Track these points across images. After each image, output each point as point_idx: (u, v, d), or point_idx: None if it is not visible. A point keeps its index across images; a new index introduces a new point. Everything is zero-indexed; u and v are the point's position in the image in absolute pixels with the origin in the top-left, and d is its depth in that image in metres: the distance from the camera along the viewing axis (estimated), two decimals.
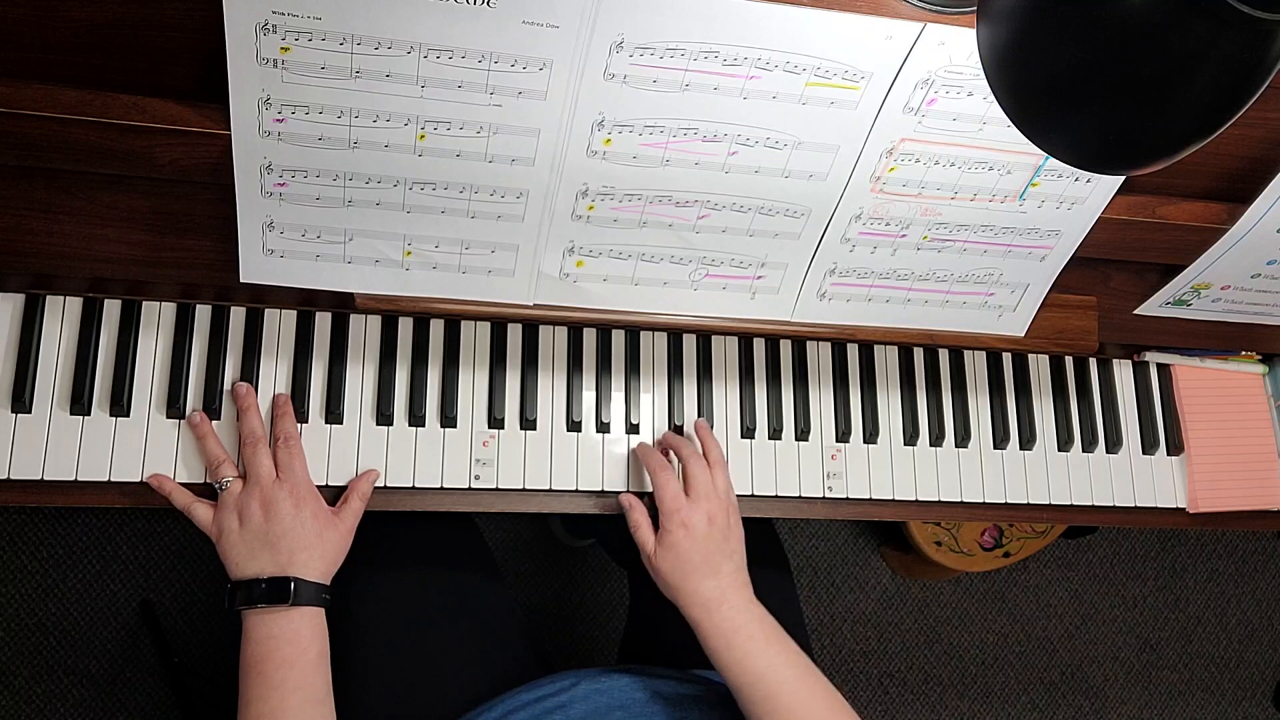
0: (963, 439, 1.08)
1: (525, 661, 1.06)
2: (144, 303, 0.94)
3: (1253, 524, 1.14)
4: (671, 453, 0.98)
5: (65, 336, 0.92)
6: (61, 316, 0.92)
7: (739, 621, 0.87)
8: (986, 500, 1.07)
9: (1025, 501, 1.08)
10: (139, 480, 0.91)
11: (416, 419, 0.96)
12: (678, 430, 1.02)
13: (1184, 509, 1.12)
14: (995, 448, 1.09)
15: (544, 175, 0.83)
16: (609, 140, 0.81)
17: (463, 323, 0.99)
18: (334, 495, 0.94)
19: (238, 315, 0.95)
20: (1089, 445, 1.11)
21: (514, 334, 1.00)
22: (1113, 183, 0.90)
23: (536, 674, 1.01)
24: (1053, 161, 0.87)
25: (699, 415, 1.03)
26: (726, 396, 1.04)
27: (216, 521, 0.87)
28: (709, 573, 0.89)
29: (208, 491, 0.90)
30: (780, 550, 1.23)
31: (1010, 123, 0.55)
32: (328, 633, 0.87)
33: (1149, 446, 1.13)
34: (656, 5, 0.73)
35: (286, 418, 0.92)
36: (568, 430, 0.99)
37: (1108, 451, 1.12)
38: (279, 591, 0.84)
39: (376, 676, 1.00)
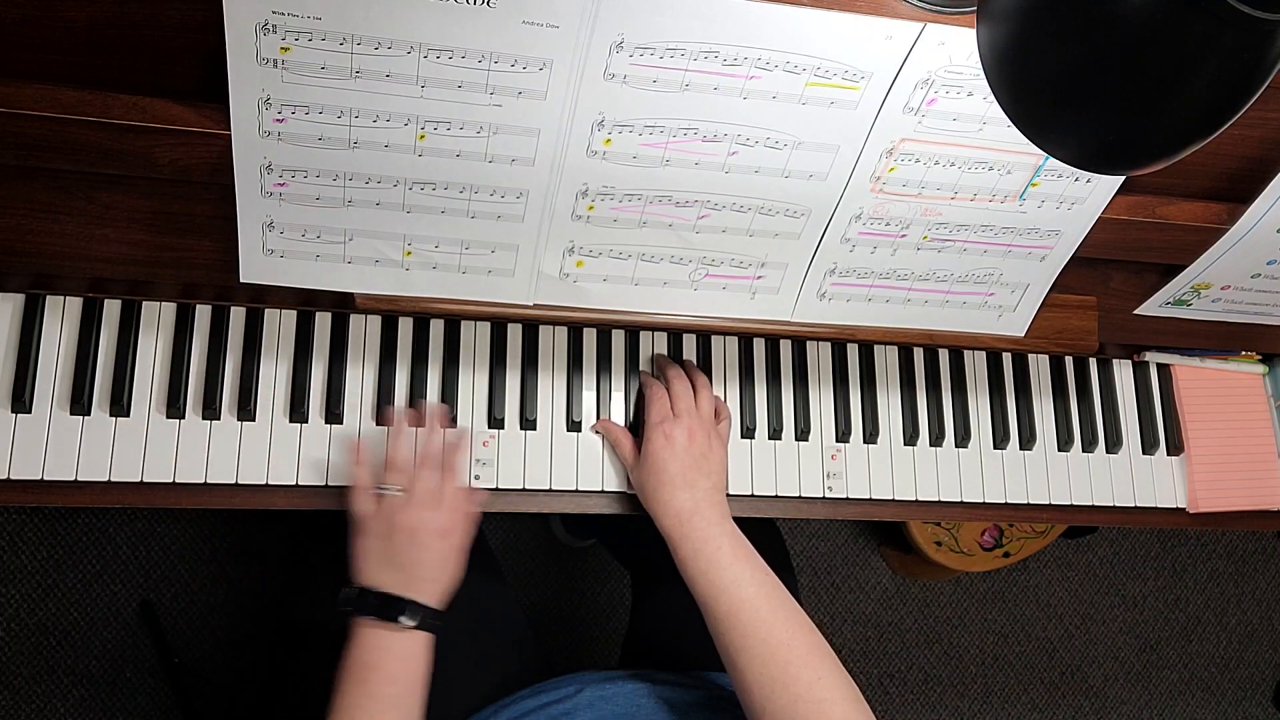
0: (963, 439, 1.08)
1: (528, 662, 1.06)
2: (144, 303, 0.94)
3: (1253, 524, 1.14)
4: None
5: (65, 336, 0.92)
6: (61, 316, 0.92)
7: (710, 533, 0.88)
8: (986, 500, 1.07)
9: (1025, 501, 1.08)
10: (138, 480, 0.91)
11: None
12: None
13: (1184, 509, 1.12)
14: (995, 448, 1.09)
15: (544, 175, 0.83)
16: (609, 140, 0.81)
17: (463, 323, 0.99)
18: (334, 495, 0.94)
19: (238, 315, 0.95)
20: (1089, 445, 1.11)
21: (514, 334, 1.00)
22: (1113, 183, 0.90)
23: (539, 675, 1.01)
24: (1053, 161, 0.87)
25: None
26: (726, 396, 1.03)
27: (369, 520, 0.87)
28: (684, 485, 0.90)
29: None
30: (783, 549, 1.23)
31: (1010, 123, 0.55)
32: (432, 659, 0.87)
33: (1149, 446, 1.13)
34: (656, 5, 0.73)
35: (459, 451, 0.93)
36: (568, 430, 0.99)
37: (1108, 451, 1.12)
38: (400, 610, 0.84)
39: None
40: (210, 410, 0.93)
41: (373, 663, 0.84)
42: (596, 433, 0.99)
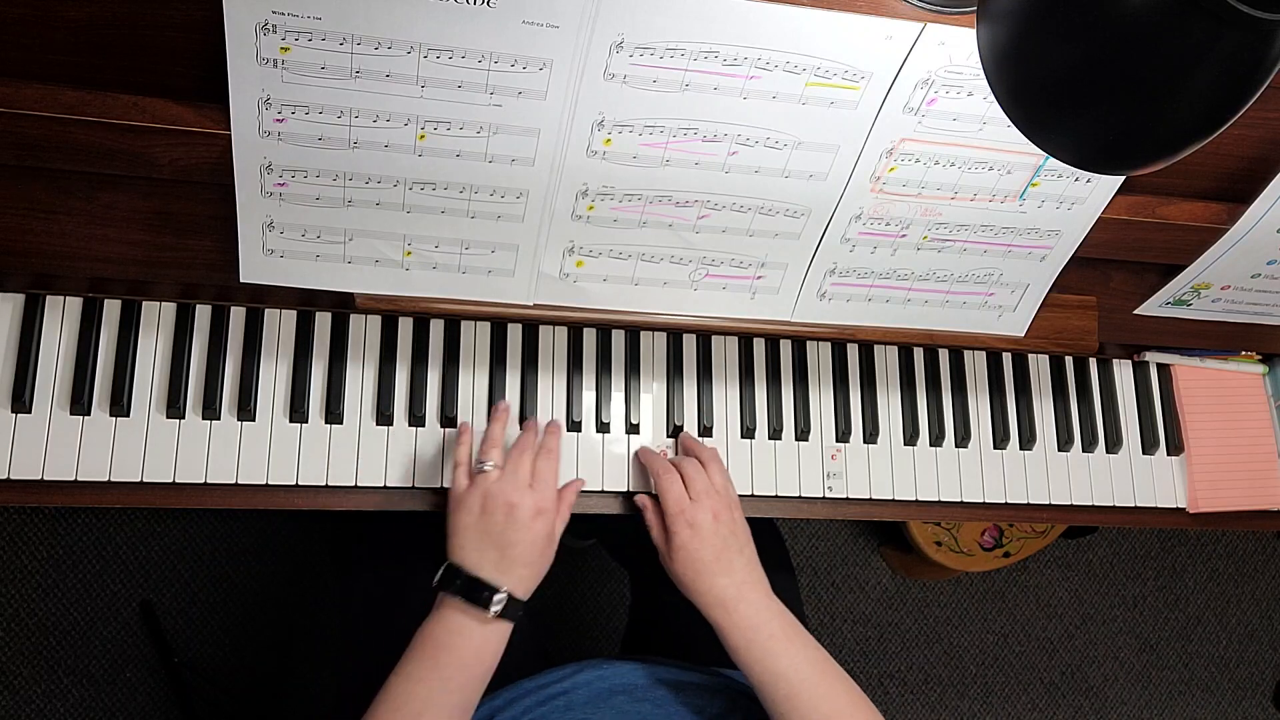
0: (963, 439, 1.08)
1: (528, 659, 1.06)
2: (144, 303, 0.94)
3: (1253, 524, 1.14)
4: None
5: (65, 336, 0.92)
6: (61, 316, 0.92)
7: (758, 620, 0.88)
8: (986, 500, 1.07)
9: (1025, 501, 1.08)
10: (138, 480, 0.91)
11: (416, 419, 0.96)
12: (677, 431, 1.02)
13: (1184, 509, 1.12)
14: (995, 448, 1.09)
15: (544, 175, 0.83)
16: (609, 140, 0.81)
17: (463, 323, 0.99)
18: (333, 494, 0.94)
19: (238, 315, 0.95)
20: (1089, 445, 1.11)
21: (514, 334, 1.00)
22: (1113, 183, 0.90)
23: (538, 669, 1.02)
24: (1053, 161, 0.87)
25: (699, 415, 1.03)
26: (726, 396, 1.04)
27: (463, 495, 0.88)
28: (721, 570, 0.89)
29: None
30: (783, 549, 1.23)
31: (1010, 123, 0.55)
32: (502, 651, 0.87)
33: (1149, 446, 1.13)
34: (656, 5, 0.73)
35: (554, 435, 0.94)
36: (568, 430, 0.99)
37: (1108, 451, 1.12)
38: (491, 599, 0.84)
39: (378, 673, 1.00)
40: (210, 410, 0.93)
41: (449, 643, 0.84)
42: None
